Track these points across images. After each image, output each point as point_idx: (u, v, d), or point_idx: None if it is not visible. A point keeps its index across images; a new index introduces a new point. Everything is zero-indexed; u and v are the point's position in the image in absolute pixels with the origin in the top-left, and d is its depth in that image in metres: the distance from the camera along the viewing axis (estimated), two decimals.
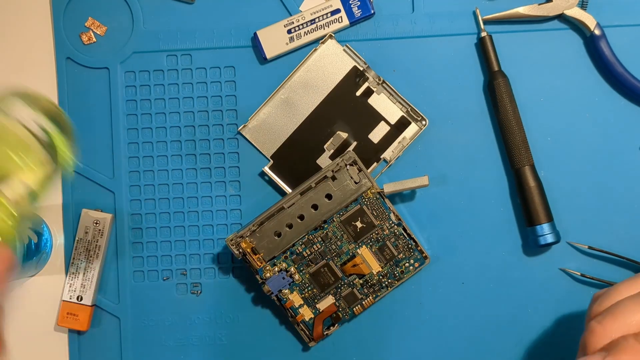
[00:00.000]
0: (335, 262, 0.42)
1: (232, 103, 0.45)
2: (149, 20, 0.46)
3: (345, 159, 0.41)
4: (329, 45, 0.45)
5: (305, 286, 0.42)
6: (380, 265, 0.42)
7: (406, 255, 0.42)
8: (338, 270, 0.42)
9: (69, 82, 0.46)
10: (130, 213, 0.46)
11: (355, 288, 0.42)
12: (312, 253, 0.41)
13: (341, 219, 0.42)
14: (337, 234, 0.42)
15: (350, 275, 0.42)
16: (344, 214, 0.42)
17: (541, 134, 0.44)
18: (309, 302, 0.42)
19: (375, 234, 0.42)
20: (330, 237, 0.42)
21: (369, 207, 0.41)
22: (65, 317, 0.45)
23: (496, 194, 0.44)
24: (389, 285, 0.43)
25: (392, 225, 0.42)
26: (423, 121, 0.44)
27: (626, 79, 0.43)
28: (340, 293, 0.42)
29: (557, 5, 0.43)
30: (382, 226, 0.42)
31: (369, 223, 0.41)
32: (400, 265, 0.42)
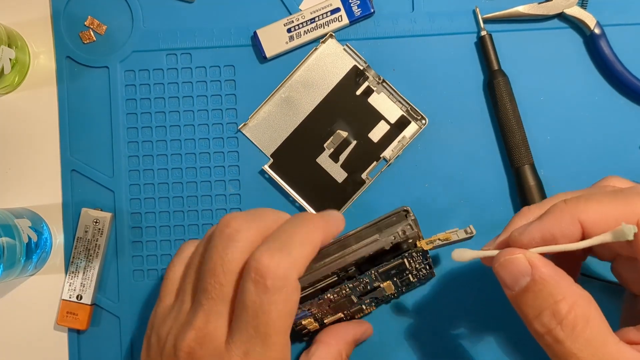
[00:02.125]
0: (355, 294, 0.40)
1: (231, 102, 0.45)
2: (149, 19, 0.46)
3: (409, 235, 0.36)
4: (329, 45, 0.45)
5: (322, 314, 0.41)
6: (395, 288, 0.41)
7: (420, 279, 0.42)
8: (356, 299, 0.40)
9: (68, 81, 0.46)
10: (130, 212, 0.46)
11: (364, 304, 0.42)
12: (339, 295, 0.39)
13: (378, 271, 0.38)
14: (369, 279, 0.39)
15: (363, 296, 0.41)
16: (383, 267, 0.38)
17: (541, 133, 0.44)
18: (319, 320, 0.41)
19: (405, 274, 0.40)
20: (361, 282, 0.39)
21: (408, 259, 0.38)
22: (64, 316, 0.45)
23: (496, 193, 0.44)
24: (393, 297, 0.43)
25: (422, 266, 0.40)
26: (423, 120, 0.44)
27: (626, 78, 0.43)
28: (349, 309, 0.41)
29: (557, 4, 0.43)
30: (412, 268, 0.39)
31: (403, 269, 0.39)
32: (411, 285, 0.42)
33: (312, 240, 0.31)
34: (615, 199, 0.28)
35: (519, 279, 0.29)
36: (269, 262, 0.29)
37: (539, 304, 0.28)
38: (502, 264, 0.29)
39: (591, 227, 0.28)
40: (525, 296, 0.28)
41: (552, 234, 0.29)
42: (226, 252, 0.30)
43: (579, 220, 0.28)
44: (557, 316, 0.27)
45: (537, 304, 0.28)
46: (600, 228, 0.28)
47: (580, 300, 0.27)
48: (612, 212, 0.28)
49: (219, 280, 0.30)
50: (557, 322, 0.27)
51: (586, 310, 0.27)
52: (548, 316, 0.27)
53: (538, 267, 0.28)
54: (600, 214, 0.28)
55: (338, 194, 0.44)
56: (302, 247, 0.30)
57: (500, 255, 0.30)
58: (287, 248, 0.29)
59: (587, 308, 0.27)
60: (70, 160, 0.46)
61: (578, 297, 0.27)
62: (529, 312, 0.28)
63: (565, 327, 0.27)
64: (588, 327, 0.27)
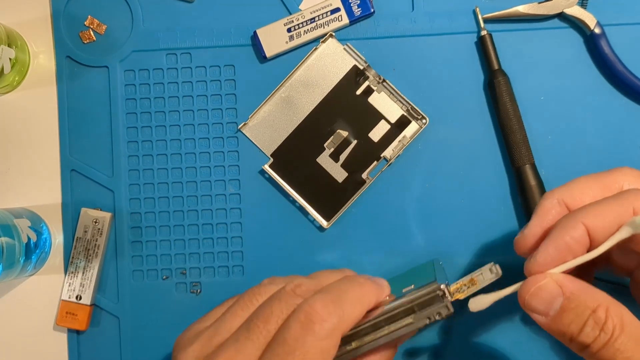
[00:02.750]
0: None
1: (231, 102, 0.45)
2: (149, 19, 0.46)
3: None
4: (330, 44, 0.45)
5: None
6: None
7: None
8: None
9: (68, 81, 0.46)
10: (130, 212, 0.46)
11: None
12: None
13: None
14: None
15: None
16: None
17: (541, 132, 0.44)
18: None
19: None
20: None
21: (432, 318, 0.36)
22: (64, 316, 0.45)
23: (497, 193, 0.44)
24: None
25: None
26: (423, 120, 0.44)
27: (626, 77, 0.43)
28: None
29: (557, 3, 0.43)
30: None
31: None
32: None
33: (363, 302, 0.32)
34: (610, 200, 0.30)
35: (553, 302, 0.29)
36: (321, 310, 0.30)
37: (579, 319, 0.29)
38: (533, 294, 0.30)
39: (595, 228, 0.29)
40: (563, 316, 0.29)
41: (565, 242, 0.30)
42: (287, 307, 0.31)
43: (584, 224, 0.30)
44: (599, 322, 0.28)
45: (577, 319, 0.29)
46: (602, 227, 0.29)
47: (611, 304, 0.29)
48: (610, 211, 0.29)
49: (267, 328, 0.30)
50: (599, 329, 0.28)
51: (618, 311, 0.28)
52: (591, 326, 0.28)
53: (567, 285, 0.29)
54: (600, 215, 0.29)
55: (338, 194, 0.44)
56: (353, 305, 0.31)
57: (526, 286, 0.30)
58: (340, 302, 0.30)
59: (619, 309, 0.29)
60: (70, 160, 0.46)
61: (609, 302, 0.29)
62: (571, 329, 0.29)
63: (607, 331, 0.28)
64: (624, 328, 0.28)
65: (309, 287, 0.32)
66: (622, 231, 0.29)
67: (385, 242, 0.44)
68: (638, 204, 0.29)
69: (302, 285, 0.32)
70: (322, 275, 0.34)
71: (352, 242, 0.45)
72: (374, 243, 0.44)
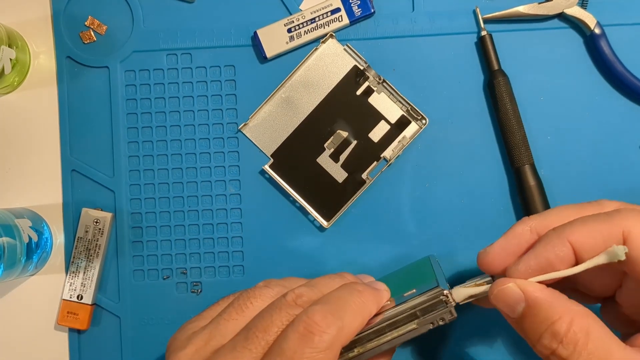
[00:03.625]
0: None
1: (232, 102, 0.45)
2: (149, 19, 0.46)
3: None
4: (330, 45, 0.45)
5: None
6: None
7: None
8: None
9: (68, 81, 0.46)
10: (131, 212, 0.46)
11: None
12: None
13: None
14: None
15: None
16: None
17: (541, 132, 0.44)
18: None
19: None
20: None
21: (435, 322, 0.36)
22: (65, 316, 0.45)
23: (496, 193, 0.44)
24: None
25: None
26: (423, 120, 0.44)
27: (626, 77, 0.43)
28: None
29: (557, 4, 0.43)
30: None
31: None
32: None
33: (364, 312, 0.32)
34: (598, 218, 0.30)
35: (515, 306, 0.30)
36: (320, 321, 0.29)
37: (538, 327, 0.29)
38: (496, 296, 0.30)
39: (580, 245, 0.29)
40: (524, 321, 0.29)
41: (547, 258, 0.30)
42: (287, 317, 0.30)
43: (569, 241, 0.29)
44: (557, 336, 0.28)
45: (535, 327, 0.29)
46: (588, 245, 0.29)
47: (577, 316, 0.28)
48: (597, 229, 0.29)
49: (266, 338, 0.30)
50: (557, 341, 0.28)
51: (584, 324, 0.28)
52: (548, 338, 0.28)
53: (529, 292, 0.29)
54: (586, 233, 0.29)
55: (338, 194, 0.45)
56: (354, 316, 0.31)
57: (493, 287, 0.31)
58: (339, 313, 0.30)
59: (585, 321, 0.28)
60: (71, 160, 0.46)
61: (575, 314, 0.28)
62: (531, 335, 0.29)
63: (566, 345, 0.28)
64: (589, 340, 0.27)
65: (310, 296, 0.32)
66: (600, 257, 0.29)
67: (385, 242, 0.45)
68: (627, 224, 0.28)
69: (303, 295, 0.31)
70: (322, 283, 0.33)
71: (352, 242, 0.45)
72: (374, 243, 0.45)
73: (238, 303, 0.32)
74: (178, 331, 0.33)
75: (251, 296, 0.33)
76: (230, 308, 0.32)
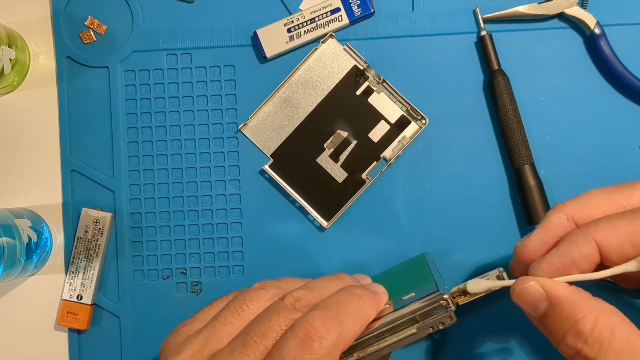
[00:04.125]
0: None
1: (231, 102, 0.45)
2: (149, 19, 0.46)
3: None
4: (330, 45, 0.45)
5: None
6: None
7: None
8: None
9: (68, 81, 0.46)
10: (130, 212, 0.46)
11: None
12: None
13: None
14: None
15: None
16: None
17: (541, 132, 0.44)
18: None
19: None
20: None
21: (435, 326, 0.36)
22: (65, 316, 0.45)
23: (496, 193, 0.44)
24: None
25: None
26: (423, 120, 0.44)
27: (626, 77, 0.43)
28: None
29: (557, 4, 0.43)
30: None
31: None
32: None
33: (363, 316, 0.31)
34: (625, 216, 0.29)
35: (537, 305, 0.29)
36: (320, 327, 0.29)
37: (561, 326, 0.28)
38: (518, 295, 0.30)
39: (606, 244, 0.29)
40: (547, 320, 0.29)
41: (571, 257, 0.29)
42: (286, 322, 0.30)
43: (594, 239, 0.29)
44: (581, 335, 0.27)
45: (559, 326, 0.28)
46: (614, 244, 0.28)
47: (601, 314, 0.27)
48: (624, 229, 0.28)
49: (265, 343, 0.29)
50: (582, 341, 0.27)
51: (609, 322, 0.27)
52: (572, 337, 0.28)
53: (552, 290, 0.29)
54: (612, 231, 0.29)
55: (338, 194, 0.45)
56: (353, 320, 0.30)
57: (514, 285, 0.30)
58: (338, 318, 0.30)
59: (610, 320, 0.27)
60: (70, 160, 0.46)
61: (599, 312, 0.27)
62: (554, 335, 0.29)
63: (592, 344, 0.27)
64: (615, 339, 0.27)
65: (309, 300, 0.31)
66: (629, 264, 0.28)
67: (385, 242, 0.45)
68: None
69: (301, 299, 0.31)
70: (319, 285, 0.33)
71: (352, 242, 0.45)
72: (374, 243, 0.45)
73: (234, 306, 0.32)
74: (172, 334, 0.33)
75: (247, 299, 0.32)
76: (226, 311, 0.32)
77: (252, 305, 0.32)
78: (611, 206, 0.30)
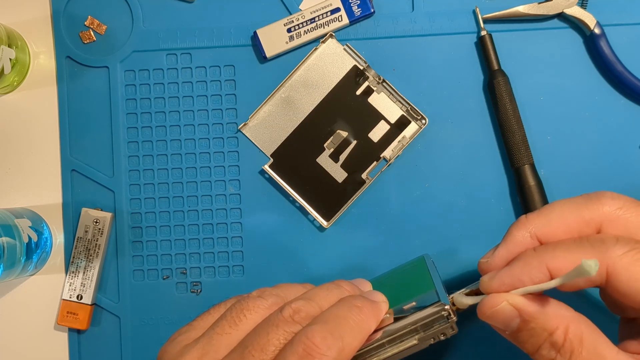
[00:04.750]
0: None
1: (231, 102, 0.45)
2: (149, 19, 0.46)
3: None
4: (330, 45, 0.45)
5: None
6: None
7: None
8: None
9: (68, 81, 0.46)
10: (130, 212, 0.46)
11: None
12: None
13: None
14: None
15: None
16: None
17: (541, 132, 0.44)
18: None
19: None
20: None
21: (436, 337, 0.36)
22: (65, 316, 0.45)
23: (496, 193, 0.44)
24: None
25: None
26: (423, 120, 0.44)
27: (626, 77, 0.43)
28: None
29: (557, 4, 0.43)
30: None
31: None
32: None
33: (363, 330, 0.31)
34: (582, 247, 0.29)
35: (509, 323, 0.29)
36: (320, 343, 0.28)
37: (536, 339, 0.28)
38: (490, 316, 0.30)
39: (559, 273, 0.29)
40: (520, 335, 0.29)
41: (521, 280, 0.29)
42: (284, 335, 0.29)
43: (547, 267, 0.29)
44: (555, 346, 0.28)
45: (533, 339, 0.29)
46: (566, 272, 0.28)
47: (571, 323, 0.28)
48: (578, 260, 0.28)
49: (262, 358, 0.29)
50: (556, 351, 0.28)
51: (578, 330, 0.28)
52: (547, 348, 0.28)
53: (523, 308, 0.29)
54: (567, 261, 0.28)
55: (338, 194, 0.45)
56: (353, 335, 0.30)
57: (484, 306, 0.30)
58: (339, 332, 0.29)
59: (579, 328, 0.28)
60: (70, 160, 0.46)
61: (569, 322, 0.28)
62: (529, 347, 0.29)
63: (564, 354, 0.28)
64: (583, 347, 0.27)
65: (308, 311, 0.30)
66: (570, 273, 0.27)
67: (385, 242, 0.45)
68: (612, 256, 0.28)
69: (300, 310, 0.30)
70: (319, 296, 0.32)
71: (352, 242, 0.45)
72: (374, 243, 0.45)
73: (231, 315, 0.31)
74: (168, 342, 0.32)
75: (244, 308, 0.31)
76: (223, 321, 0.31)
77: (249, 315, 0.31)
78: (575, 224, 0.30)
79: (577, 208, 0.31)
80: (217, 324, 0.31)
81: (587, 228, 0.30)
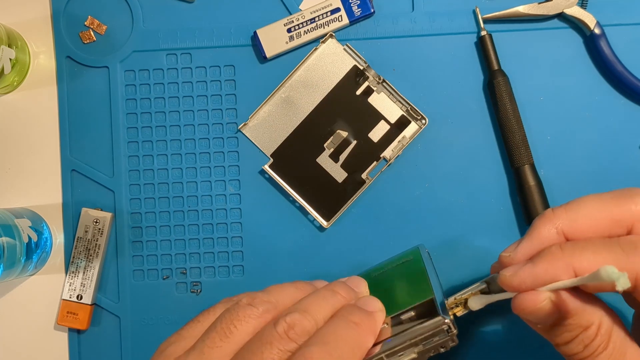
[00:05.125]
0: None
1: (231, 102, 0.45)
2: (149, 19, 0.46)
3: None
4: (330, 45, 0.45)
5: None
6: None
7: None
8: None
9: (68, 81, 0.46)
10: (130, 212, 0.46)
11: None
12: None
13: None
14: None
15: None
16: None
17: (541, 132, 0.44)
18: None
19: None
20: None
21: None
22: (65, 316, 0.45)
23: (496, 193, 0.44)
24: None
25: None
26: (423, 120, 0.44)
27: (626, 77, 0.43)
28: None
29: (557, 4, 0.43)
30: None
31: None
32: None
33: (362, 347, 0.30)
34: (612, 250, 0.27)
35: (547, 319, 0.29)
36: None
37: (568, 335, 0.28)
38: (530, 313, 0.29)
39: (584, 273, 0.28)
40: (554, 329, 0.29)
41: (544, 280, 0.28)
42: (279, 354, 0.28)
43: (573, 269, 0.28)
44: (586, 341, 0.28)
45: (566, 335, 0.28)
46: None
47: (603, 319, 0.28)
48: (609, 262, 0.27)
49: None
50: (584, 345, 0.28)
51: (608, 328, 0.28)
52: (578, 342, 0.28)
53: (564, 304, 0.28)
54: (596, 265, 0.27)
55: (338, 194, 0.45)
56: (352, 353, 0.29)
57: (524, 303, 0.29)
58: (337, 353, 0.28)
59: (610, 325, 0.28)
60: (70, 160, 0.46)
61: (602, 317, 0.28)
62: (559, 340, 0.29)
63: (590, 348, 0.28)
64: (610, 342, 0.28)
65: (304, 327, 0.29)
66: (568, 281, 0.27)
67: (385, 242, 0.45)
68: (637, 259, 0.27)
69: (295, 326, 0.29)
70: (313, 307, 0.31)
71: (352, 242, 0.45)
72: (374, 243, 0.45)
73: (221, 326, 0.29)
74: (158, 353, 0.30)
75: (234, 318, 0.30)
76: (213, 332, 0.29)
77: (240, 325, 0.29)
78: (605, 222, 0.29)
79: (607, 206, 0.29)
80: (207, 336, 0.30)
81: (617, 228, 0.29)
